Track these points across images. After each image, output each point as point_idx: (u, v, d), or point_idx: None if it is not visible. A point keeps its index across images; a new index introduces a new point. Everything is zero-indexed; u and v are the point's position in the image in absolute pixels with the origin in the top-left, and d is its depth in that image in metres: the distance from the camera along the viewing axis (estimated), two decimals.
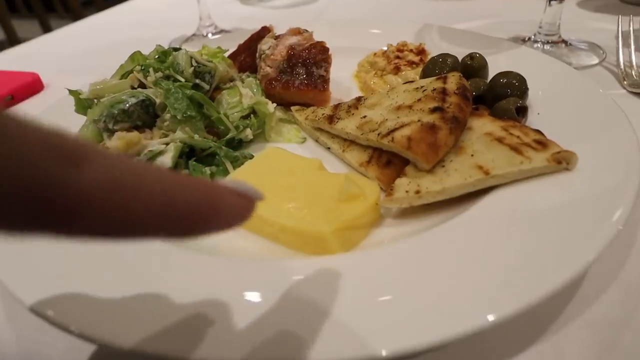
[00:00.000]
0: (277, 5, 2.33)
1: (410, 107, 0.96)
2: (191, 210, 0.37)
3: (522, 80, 1.05)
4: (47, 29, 5.19)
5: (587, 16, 1.85)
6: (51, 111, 1.21)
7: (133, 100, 0.96)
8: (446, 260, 0.69)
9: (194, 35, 1.88)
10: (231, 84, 1.23)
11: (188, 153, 1.00)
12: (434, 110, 0.92)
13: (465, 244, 0.72)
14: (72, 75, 1.74)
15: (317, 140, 1.12)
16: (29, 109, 1.51)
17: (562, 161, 0.82)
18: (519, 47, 1.33)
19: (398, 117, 0.95)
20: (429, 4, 2.14)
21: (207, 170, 0.94)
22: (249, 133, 1.08)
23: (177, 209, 0.36)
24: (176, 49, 1.17)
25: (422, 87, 1.03)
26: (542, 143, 0.86)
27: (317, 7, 2.26)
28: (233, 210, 0.42)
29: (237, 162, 0.98)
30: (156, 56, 1.11)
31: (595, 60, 1.47)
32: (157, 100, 1.00)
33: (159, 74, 1.06)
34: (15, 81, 1.61)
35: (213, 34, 1.87)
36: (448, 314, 0.60)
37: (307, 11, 2.21)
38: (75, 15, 5.38)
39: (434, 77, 1.05)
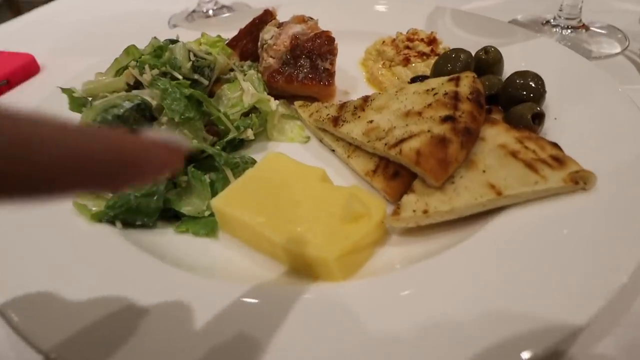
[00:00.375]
0: None
1: (420, 113, 0.91)
2: (107, 161, 0.38)
3: (539, 82, 0.99)
4: None
5: None
6: (46, 106, 1.16)
7: (128, 105, 0.91)
8: (458, 293, 0.67)
9: (194, 12, 1.80)
10: (231, 74, 1.17)
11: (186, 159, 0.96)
12: (444, 119, 0.87)
13: (477, 272, 0.70)
14: (69, 55, 1.67)
15: (321, 141, 1.08)
16: (26, 95, 1.46)
17: (580, 181, 0.78)
18: (536, 38, 1.25)
19: (407, 124, 0.90)
20: None
21: (207, 178, 0.90)
22: (250, 133, 1.03)
23: (91, 160, 0.37)
24: (173, 42, 1.11)
25: (432, 89, 0.97)
26: (559, 160, 0.81)
27: None
28: (156, 159, 0.43)
29: (237, 169, 0.94)
30: (152, 50, 1.05)
31: (617, 49, 1.39)
32: (154, 103, 0.95)
33: (155, 71, 1.00)
34: (10, 64, 1.54)
35: (214, 11, 1.79)
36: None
37: None
38: None
39: (446, 78, 0.99)
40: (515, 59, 1.16)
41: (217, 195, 0.85)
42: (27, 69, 1.57)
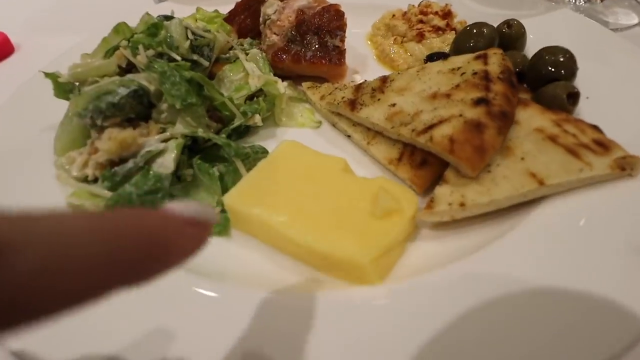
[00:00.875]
0: None
1: (448, 95, 0.83)
2: (139, 257, 0.34)
3: (571, 59, 0.92)
4: None
5: None
6: (27, 90, 1.05)
7: (123, 91, 0.81)
8: (503, 292, 0.61)
9: None
10: (231, 53, 1.07)
11: (191, 146, 0.87)
12: (477, 102, 0.79)
13: (529, 265, 0.64)
14: (46, 33, 1.53)
15: (335, 125, 0.99)
16: (0, 76, 1.33)
17: (627, 167, 0.72)
18: (558, 9, 1.17)
19: (435, 108, 0.82)
20: None
21: (216, 171, 0.81)
22: (257, 119, 0.94)
23: (122, 260, 0.33)
24: (168, 18, 0.99)
25: (459, 68, 0.89)
26: (602, 144, 0.75)
27: None
28: (187, 244, 0.39)
29: (248, 160, 0.85)
30: (145, 28, 0.94)
31: (635, 20, 1.33)
32: (152, 88, 0.85)
33: (151, 52, 0.90)
34: None
35: None
36: None
37: None
38: None
39: (472, 56, 0.91)
40: (536, 32, 1.08)
41: (229, 192, 0.76)
42: (1, 48, 1.43)
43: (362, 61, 1.20)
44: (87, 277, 0.31)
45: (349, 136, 0.95)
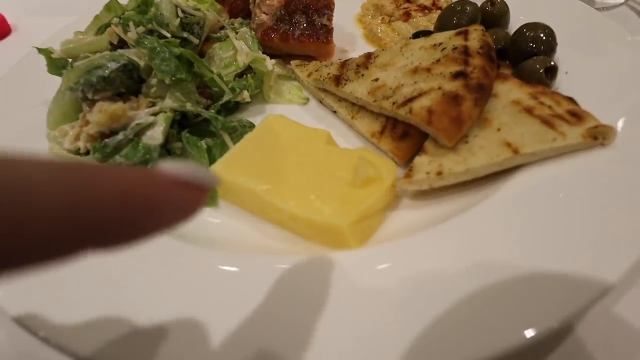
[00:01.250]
0: None
1: (428, 69, 0.86)
2: (113, 217, 0.31)
3: (550, 35, 0.94)
4: None
5: None
6: (20, 69, 1.07)
7: (114, 65, 0.83)
8: (478, 256, 0.64)
9: None
10: (222, 32, 1.09)
11: (180, 121, 0.89)
12: (456, 75, 0.81)
13: (499, 233, 0.67)
14: (42, 14, 1.56)
15: (321, 102, 1.02)
16: None
17: (599, 136, 0.75)
18: None
19: (415, 82, 0.85)
20: None
21: (204, 144, 0.84)
22: (246, 95, 0.97)
23: (92, 217, 0.30)
24: None
25: (440, 44, 0.91)
26: (576, 115, 0.78)
27: None
28: (176, 205, 0.35)
29: (235, 133, 0.88)
30: (136, 6, 0.96)
31: None
32: (141, 63, 0.87)
33: (141, 29, 0.92)
34: None
35: None
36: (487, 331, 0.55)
37: None
38: None
39: (453, 32, 0.93)
40: (519, 10, 1.10)
41: (216, 162, 0.79)
42: None
43: (351, 41, 1.22)
44: (50, 230, 0.28)
45: (334, 112, 0.98)
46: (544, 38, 0.94)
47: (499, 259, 0.63)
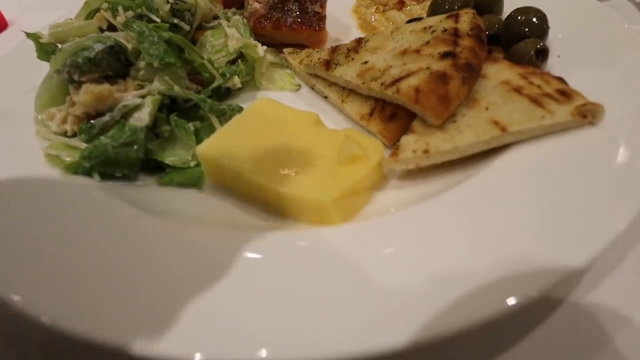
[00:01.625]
0: None
1: (417, 51, 0.85)
2: None
3: (542, 18, 0.93)
4: None
5: None
6: (12, 57, 1.08)
7: (100, 47, 0.83)
8: (459, 234, 0.63)
9: None
10: (215, 22, 1.09)
11: (169, 105, 0.89)
12: (444, 55, 0.81)
13: (483, 211, 0.65)
14: (39, 10, 1.57)
15: (313, 88, 1.01)
16: None
17: (588, 115, 0.73)
18: None
19: (404, 63, 0.84)
20: None
21: (191, 126, 0.84)
22: (237, 81, 0.97)
23: None
24: None
25: (430, 27, 0.91)
26: (565, 94, 0.77)
27: None
28: None
29: (224, 116, 0.88)
30: None
31: None
32: (129, 46, 0.87)
33: (130, 13, 0.92)
34: None
35: None
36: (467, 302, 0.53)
37: None
38: None
39: (444, 16, 0.93)
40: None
41: (202, 142, 0.79)
42: None
43: (345, 30, 1.21)
44: None
45: (325, 97, 0.97)
46: (535, 21, 0.93)
47: (483, 235, 0.62)
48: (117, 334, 0.54)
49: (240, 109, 0.91)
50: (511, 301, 0.52)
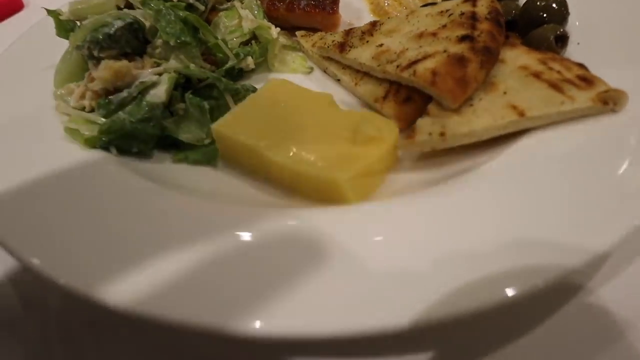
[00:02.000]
0: None
1: (434, 34, 0.84)
2: None
3: (562, 3, 0.92)
4: None
5: None
6: (32, 34, 1.09)
7: (119, 23, 0.84)
8: (473, 218, 0.62)
9: None
10: (228, 4, 1.09)
11: (184, 84, 0.89)
12: (462, 39, 0.80)
13: (498, 196, 0.65)
14: None
15: (325, 71, 1.01)
16: (10, 32, 1.37)
17: (609, 101, 0.72)
18: None
19: (420, 46, 0.83)
20: None
21: (206, 104, 0.84)
22: (250, 62, 0.97)
23: None
24: None
25: (447, 10, 0.90)
26: (586, 79, 0.76)
27: None
28: None
29: (238, 96, 0.88)
30: None
31: None
32: (147, 24, 0.87)
33: None
34: None
35: None
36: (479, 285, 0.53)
37: None
38: None
39: (461, 0, 0.92)
40: None
41: (217, 120, 0.79)
42: (10, 4, 1.48)
43: (357, 14, 1.20)
44: None
45: (338, 80, 0.97)
46: (555, 7, 0.92)
47: (496, 222, 0.62)
48: (132, 299, 0.55)
49: (255, 89, 0.91)
50: (532, 285, 0.52)
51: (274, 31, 1.01)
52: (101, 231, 0.64)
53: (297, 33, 1.08)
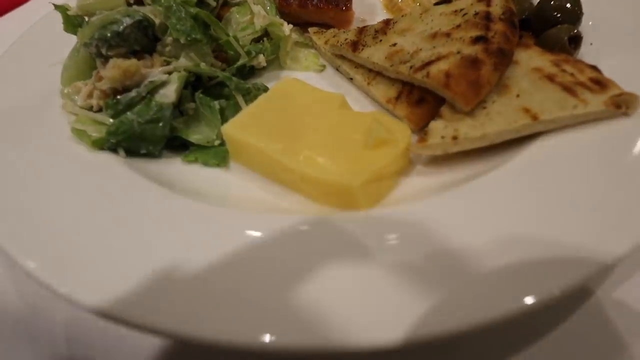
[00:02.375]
0: None
1: (448, 34, 0.83)
2: None
3: (576, 3, 0.91)
4: None
5: None
6: (38, 28, 1.08)
7: (128, 21, 0.83)
8: (488, 223, 0.62)
9: None
10: None
11: (194, 83, 0.89)
12: (476, 40, 0.79)
13: (512, 201, 0.65)
14: None
15: (337, 69, 1.00)
16: (16, 23, 1.36)
17: (622, 105, 0.72)
18: None
19: (434, 46, 0.83)
20: None
21: (217, 104, 0.83)
22: (262, 60, 0.96)
23: None
24: None
25: (461, 10, 0.89)
26: (599, 82, 0.75)
27: None
28: None
29: (249, 95, 0.87)
30: None
31: None
32: (157, 21, 0.87)
33: None
34: None
35: None
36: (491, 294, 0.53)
37: None
38: None
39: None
40: None
41: (228, 122, 0.78)
42: None
43: (370, 10, 1.19)
44: None
45: (351, 79, 0.96)
46: (569, 7, 0.91)
47: (510, 227, 0.62)
48: (136, 310, 0.55)
49: (266, 89, 0.90)
50: (529, 300, 0.52)
51: (287, 28, 1.00)
52: (108, 236, 0.64)
53: (310, 30, 1.07)
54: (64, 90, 0.87)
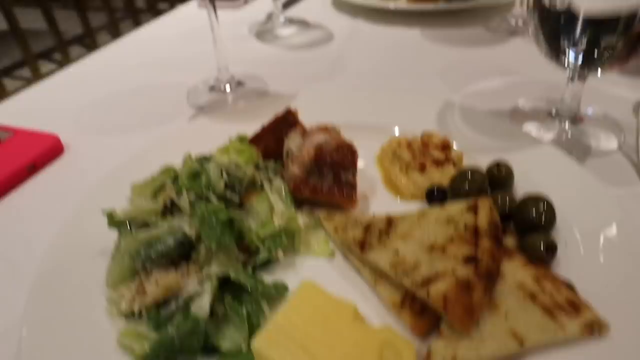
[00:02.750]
0: (292, 45, 2.29)
1: (443, 249, 0.98)
2: None
3: (550, 211, 1.07)
4: (50, 18, 5.10)
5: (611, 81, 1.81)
6: (81, 210, 1.20)
7: (172, 242, 0.96)
8: None
9: (212, 88, 1.86)
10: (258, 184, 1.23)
11: (222, 283, 1.01)
12: (467, 260, 0.93)
13: None
14: (90, 132, 1.72)
15: (346, 256, 1.14)
16: (52, 180, 1.50)
17: (595, 331, 0.85)
18: (542, 147, 1.33)
19: (432, 261, 0.97)
20: (448, 52, 2.11)
21: (244, 311, 0.95)
22: (280, 255, 1.09)
23: None
24: (206, 159, 1.17)
25: (452, 217, 1.04)
26: (574, 305, 0.89)
27: (333, 48, 2.22)
28: None
29: (272, 298, 0.99)
30: (189, 172, 1.11)
31: (615, 144, 1.48)
32: (193, 234, 1.00)
33: (192, 195, 1.06)
34: (36, 146, 1.56)
35: (231, 87, 1.85)
36: None
37: (323, 54, 2.18)
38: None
39: (464, 205, 1.06)
40: (521, 170, 1.24)
41: (257, 335, 0.90)
42: (52, 151, 1.59)
43: (371, 185, 1.35)
44: None
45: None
46: (545, 213, 1.06)
47: None
48: None
49: (285, 288, 1.02)
50: None
51: (301, 220, 1.14)
52: None
53: (320, 215, 1.21)
54: (109, 295, 0.98)
